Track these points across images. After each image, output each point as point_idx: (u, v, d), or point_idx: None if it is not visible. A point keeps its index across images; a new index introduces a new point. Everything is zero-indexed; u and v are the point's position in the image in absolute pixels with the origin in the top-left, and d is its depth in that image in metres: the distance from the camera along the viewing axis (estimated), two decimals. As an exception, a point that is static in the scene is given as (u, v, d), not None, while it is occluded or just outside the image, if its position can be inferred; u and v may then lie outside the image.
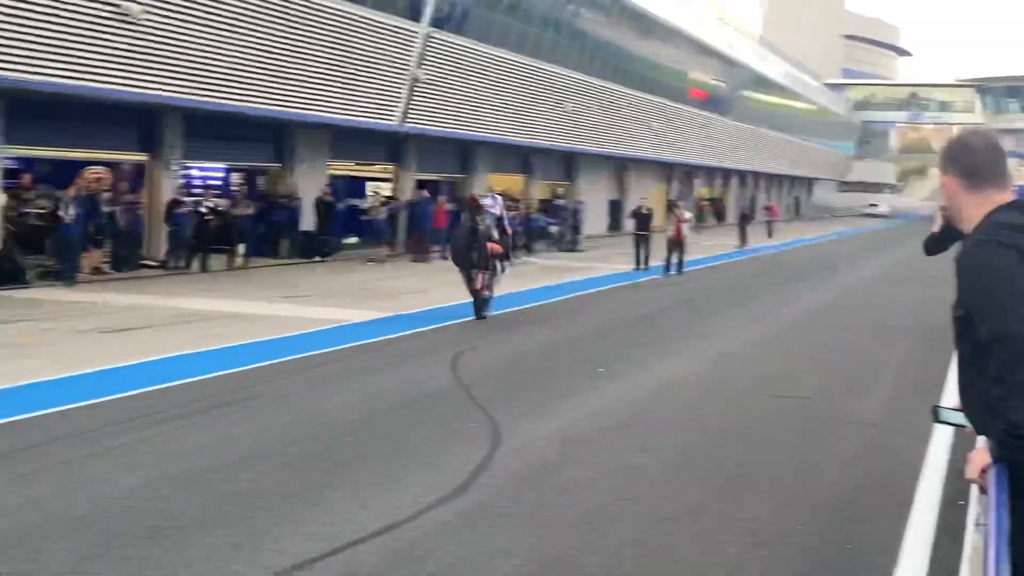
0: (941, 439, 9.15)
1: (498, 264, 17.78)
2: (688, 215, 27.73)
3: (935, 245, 12.39)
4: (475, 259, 17.25)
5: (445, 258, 29.20)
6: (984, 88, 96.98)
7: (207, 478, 7.59)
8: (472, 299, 17.38)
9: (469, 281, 17.34)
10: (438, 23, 28.62)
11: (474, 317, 17.07)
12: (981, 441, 3.57)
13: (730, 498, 7.66)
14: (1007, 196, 3.41)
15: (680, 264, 26.80)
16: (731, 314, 19.34)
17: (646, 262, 28.14)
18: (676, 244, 26.67)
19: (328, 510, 6.94)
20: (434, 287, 22.14)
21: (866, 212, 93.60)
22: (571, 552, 6.34)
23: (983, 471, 3.39)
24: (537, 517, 7.01)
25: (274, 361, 12.49)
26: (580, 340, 15.27)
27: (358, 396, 10.68)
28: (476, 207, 17.93)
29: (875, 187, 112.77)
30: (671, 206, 28.38)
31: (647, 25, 45.18)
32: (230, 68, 22.24)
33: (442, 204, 29.92)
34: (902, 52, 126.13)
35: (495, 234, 17.72)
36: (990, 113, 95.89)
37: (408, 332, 15.46)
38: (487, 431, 9.25)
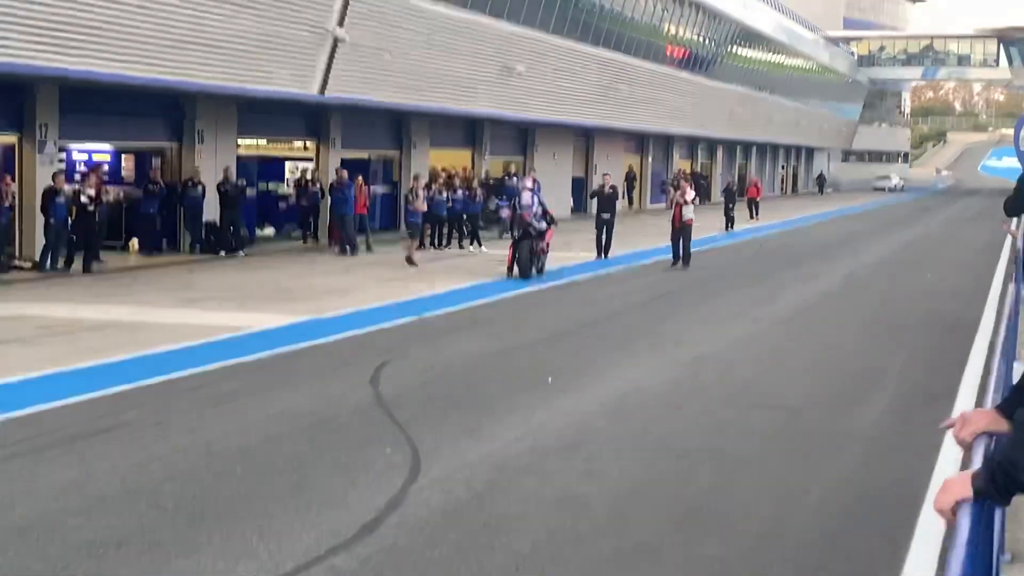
0: (950, 456, 9.05)
1: None
2: (691, 195, 27.17)
3: (1017, 204, 12.32)
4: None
5: (370, 249, 29.15)
6: (1010, 39, 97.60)
7: (58, 525, 7.35)
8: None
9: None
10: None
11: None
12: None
13: (691, 534, 7.53)
14: None
15: (685, 255, 26.38)
16: (709, 310, 19.25)
17: (607, 250, 28.02)
18: (678, 231, 26.39)
19: (199, 562, 6.73)
20: (360, 285, 21.90)
21: (875, 186, 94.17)
22: (493, 605, 6.17)
23: (956, 504, 3.23)
24: (455, 562, 6.84)
25: (159, 379, 12.20)
26: (527, 346, 15.10)
27: (256, 419, 10.45)
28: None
29: (884, 156, 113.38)
30: (667, 186, 27.90)
31: (613, -29, 45.09)
32: (114, 29, 21.83)
33: (362, 186, 29.64)
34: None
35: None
36: (1017, 67, 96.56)
37: (325, 340, 15.23)
38: (405, 458, 9.06)
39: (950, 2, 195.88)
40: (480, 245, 30.41)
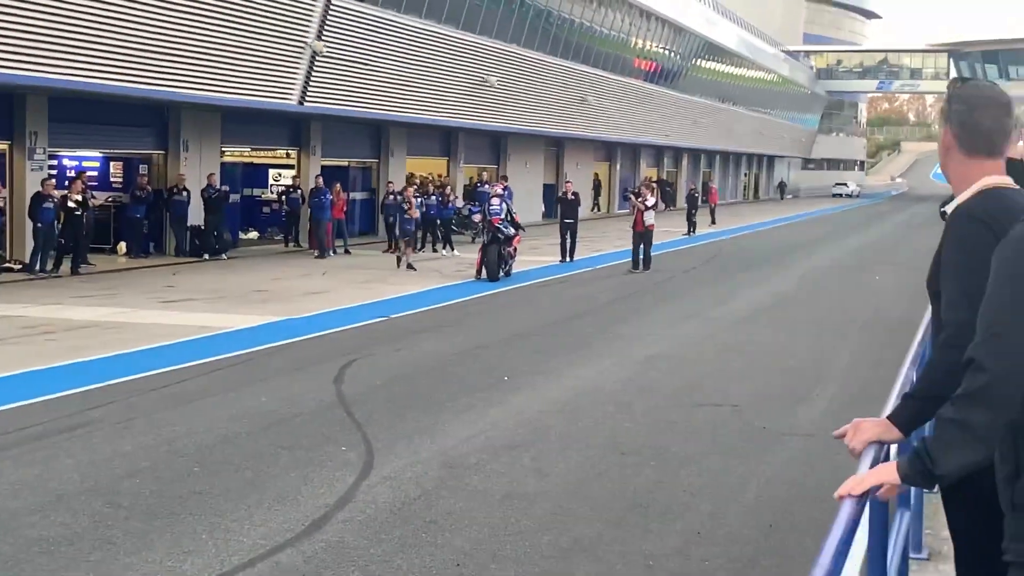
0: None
1: None
2: (651, 201, 26.96)
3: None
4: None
5: (348, 252, 29.00)
6: (959, 53, 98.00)
7: (14, 522, 7.16)
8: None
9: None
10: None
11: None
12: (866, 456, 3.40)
13: (629, 530, 7.38)
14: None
15: (646, 259, 26.08)
16: (666, 311, 19.12)
17: (571, 253, 27.86)
18: (640, 236, 26.16)
19: (147, 559, 6.55)
20: (335, 287, 21.70)
21: (833, 192, 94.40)
22: (429, 602, 6.02)
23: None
24: (398, 559, 6.68)
25: (130, 378, 12.00)
26: (490, 346, 14.93)
27: (219, 418, 10.26)
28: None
29: (841, 164, 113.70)
30: (629, 193, 27.88)
31: (583, -12, 44.94)
32: (101, 42, 21.59)
33: (339, 193, 29.50)
34: (870, 15, 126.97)
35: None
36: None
37: (296, 339, 15.05)
38: (359, 456, 8.89)
39: (903, 19, 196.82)
40: (452, 249, 30.25)
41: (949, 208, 3.60)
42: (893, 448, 3.65)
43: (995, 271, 2.88)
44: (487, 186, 36.65)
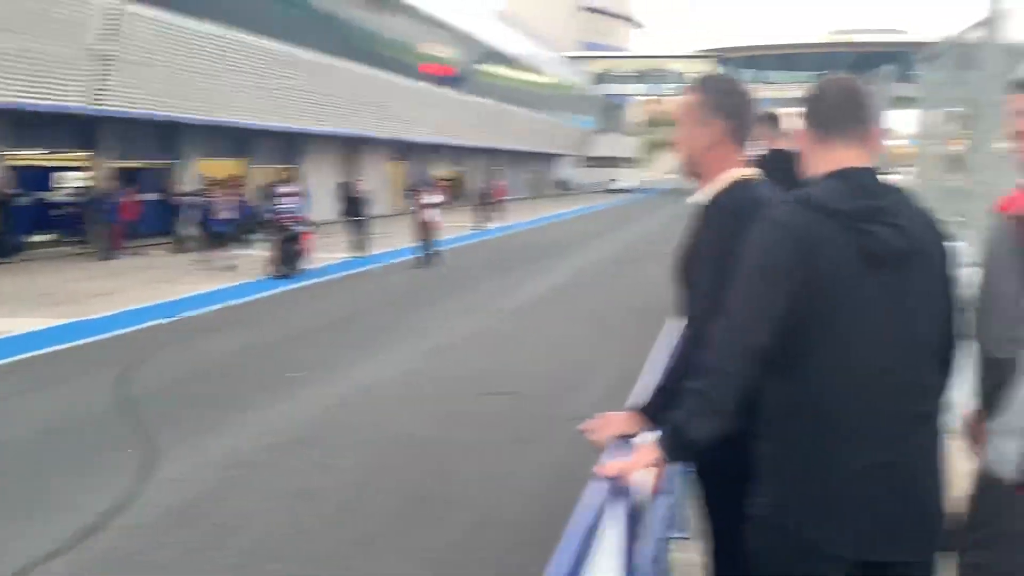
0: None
1: None
2: (436, 198, 26.82)
3: None
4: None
5: (140, 253, 27.97)
6: (723, 59, 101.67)
7: None
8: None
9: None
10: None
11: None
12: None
13: (410, 523, 7.18)
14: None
15: (434, 254, 25.94)
16: (451, 304, 18.95)
17: (364, 249, 27.54)
18: (426, 232, 25.90)
19: (-93, 579, 6.02)
20: (127, 288, 20.82)
21: (608, 188, 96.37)
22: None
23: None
24: (178, 564, 6.32)
25: (-97, 387, 11.18)
26: (278, 343, 14.51)
27: (-3, 425, 9.62)
28: None
29: (616, 162, 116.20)
30: (413, 191, 27.81)
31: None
32: None
33: (130, 194, 28.50)
34: (638, 24, 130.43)
35: None
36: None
37: (81, 342, 14.33)
38: (141, 459, 8.43)
39: (671, 29, 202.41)
40: (246, 247, 29.47)
41: (701, 199, 3.53)
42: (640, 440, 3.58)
43: (742, 259, 2.92)
44: (281, 185, 35.90)
